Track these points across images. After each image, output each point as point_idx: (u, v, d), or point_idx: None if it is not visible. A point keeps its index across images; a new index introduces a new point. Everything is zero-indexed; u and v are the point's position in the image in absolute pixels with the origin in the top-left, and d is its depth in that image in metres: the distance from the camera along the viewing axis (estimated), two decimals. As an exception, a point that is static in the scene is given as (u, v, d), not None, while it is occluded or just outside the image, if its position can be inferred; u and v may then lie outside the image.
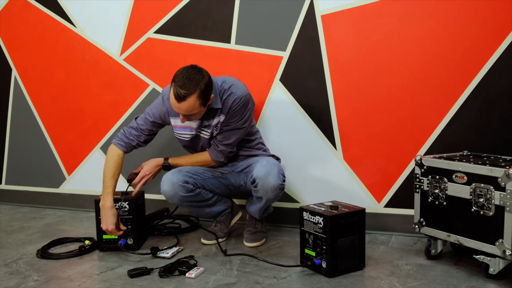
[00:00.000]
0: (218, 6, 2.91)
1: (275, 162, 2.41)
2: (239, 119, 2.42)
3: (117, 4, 3.15)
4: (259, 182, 2.34)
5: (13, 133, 3.55)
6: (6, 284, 2.11)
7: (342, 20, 2.66)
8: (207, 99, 2.29)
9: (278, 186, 2.35)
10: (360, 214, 2.16)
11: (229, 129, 2.44)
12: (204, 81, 2.24)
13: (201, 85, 2.22)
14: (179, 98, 2.21)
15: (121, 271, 2.23)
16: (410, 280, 2.05)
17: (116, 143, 2.51)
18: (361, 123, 2.68)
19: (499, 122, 2.45)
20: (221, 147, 2.48)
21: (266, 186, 2.33)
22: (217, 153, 2.51)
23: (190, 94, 2.20)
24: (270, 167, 2.35)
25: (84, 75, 3.29)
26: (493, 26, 2.41)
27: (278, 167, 2.40)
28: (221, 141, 2.47)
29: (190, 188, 2.46)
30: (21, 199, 3.55)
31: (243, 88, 2.43)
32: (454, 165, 2.11)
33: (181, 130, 2.53)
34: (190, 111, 2.25)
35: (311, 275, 2.13)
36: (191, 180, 2.47)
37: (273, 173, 2.34)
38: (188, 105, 2.22)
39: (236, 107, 2.39)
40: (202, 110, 2.32)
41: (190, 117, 2.32)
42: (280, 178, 2.36)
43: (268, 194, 2.36)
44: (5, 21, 3.46)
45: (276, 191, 2.36)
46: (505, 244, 1.92)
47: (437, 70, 2.52)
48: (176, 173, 2.47)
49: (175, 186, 2.43)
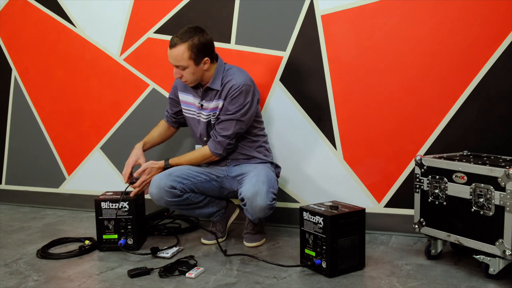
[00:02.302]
0: (218, 6, 2.91)
1: (265, 180, 2.36)
2: (237, 108, 2.42)
3: (117, 4, 3.15)
4: (247, 202, 2.34)
5: (13, 133, 3.55)
6: (6, 284, 2.11)
7: (342, 20, 2.66)
8: (199, 56, 2.37)
9: (266, 206, 2.32)
10: (360, 214, 2.16)
11: (227, 119, 2.44)
12: (200, 37, 2.37)
13: (194, 39, 2.35)
14: (170, 46, 2.36)
15: (121, 271, 2.23)
16: (410, 280, 2.05)
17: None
18: (361, 123, 2.68)
19: (499, 122, 2.45)
20: (219, 137, 2.47)
21: (254, 207, 2.32)
22: (215, 144, 2.49)
23: (181, 42, 2.34)
24: (259, 186, 2.32)
25: (84, 75, 3.29)
26: (493, 26, 2.41)
27: (268, 185, 2.36)
28: (219, 132, 2.47)
29: (177, 194, 2.45)
30: (21, 199, 3.55)
31: (246, 78, 2.45)
32: (454, 165, 2.11)
33: (186, 106, 2.60)
34: (178, 61, 2.35)
35: (311, 275, 2.13)
36: (179, 186, 2.44)
37: (261, 193, 2.31)
38: (177, 53, 2.34)
39: (234, 93, 2.41)
40: (192, 67, 2.38)
41: (181, 73, 2.40)
42: (268, 198, 2.32)
43: (257, 214, 2.36)
44: (5, 21, 3.46)
45: (265, 211, 2.35)
46: (505, 244, 1.92)
47: (437, 70, 2.52)
48: (165, 176, 2.45)
49: (162, 190, 2.42)
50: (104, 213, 2.48)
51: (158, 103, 3.10)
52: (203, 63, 2.40)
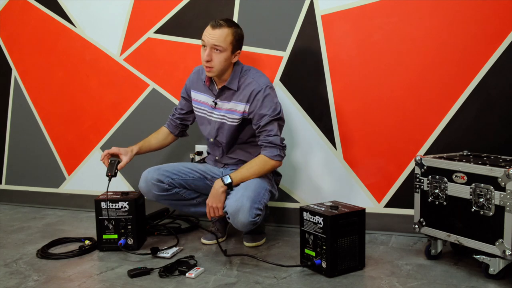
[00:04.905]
0: (218, 6, 2.91)
1: (250, 194, 2.27)
2: (271, 109, 2.38)
3: (117, 4, 3.14)
4: (230, 217, 2.30)
5: (13, 133, 3.55)
6: (6, 284, 2.11)
7: (342, 20, 2.66)
8: (236, 46, 2.39)
9: (248, 223, 2.27)
10: (360, 214, 2.16)
11: (267, 122, 2.37)
12: (241, 31, 2.41)
13: (238, 29, 2.40)
14: (215, 25, 2.33)
15: (121, 271, 2.23)
16: (410, 280, 2.05)
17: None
18: (361, 123, 2.68)
19: (499, 122, 2.45)
20: (270, 138, 2.37)
21: (236, 222, 2.29)
22: (269, 149, 2.38)
23: (226, 26, 2.34)
24: (242, 202, 2.24)
25: (84, 75, 3.29)
26: (493, 26, 2.41)
27: (253, 200, 2.27)
28: (267, 136, 2.38)
29: (165, 188, 2.45)
30: (21, 199, 3.55)
31: (266, 79, 2.46)
32: (454, 165, 2.11)
33: (198, 104, 2.58)
34: (220, 41, 2.32)
35: (311, 275, 2.13)
36: (166, 180, 2.45)
37: (243, 210, 2.24)
38: (222, 33, 2.33)
39: (261, 97, 2.38)
40: (228, 53, 2.36)
41: (212, 56, 2.35)
42: (251, 215, 2.25)
43: (240, 228, 2.33)
44: (5, 21, 3.46)
45: (248, 226, 2.30)
46: (505, 244, 1.92)
47: (437, 70, 2.52)
48: (152, 170, 2.47)
49: (149, 183, 2.44)
50: (104, 213, 2.48)
51: (158, 103, 3.10)
52: (236, 54, 2.40)
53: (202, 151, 2.99)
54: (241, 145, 2.57)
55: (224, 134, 2.52)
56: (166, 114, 2.80)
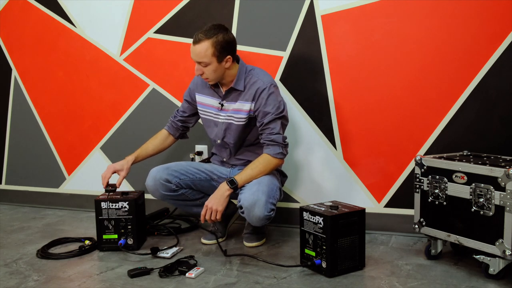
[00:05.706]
0: (218, 6, 2.91)
1: (265, 189, 2.30)
2: (274, 107, 2.39)
3: (117, 4, 3.14)
4: (245, 211, 2.30)
5: (13, 133, 3.55)
6: (6, 284, 2.11)
7: (342, 20, 2.66)
8: (223, 54, 2.35)
9: (264, 217, 2.28)
10: (360, 214, 2.16)
11: (270, 120, 2.38)
12: (224, 35, 2.35)
13: (219, 36, 2.33)
14: (195, 41, 2.33)
15: (121, 271, 2.23)
16: (410, 280, 2.05)
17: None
18: (361, 123, 2.68)
19: (499, 122, 2.45)
20: (272, 137, 2.38)
21: (252, 217, 2.29)
22: (271, 147, 2.39)
23: (205, 38, 2.31)
24: (258, 196, 2.26)
25: (84, 75, 3.29)
26: (493, 26, 2.41)
27: (268, 195, 2.29)
28: (269, 134, 2.38)
29: (172, 188, 2.46)
30: (21, 199, 3.55)
31: (270, 78, 2.47)
32: (454, 165, 2.11)
33: (203, 107, 2.57)
34: (201, 57, 2.32)
35: (311, 275, 2.13)
36: (174, 180, 2.46)
37: (259, 204, 2.26)
38: (201, 49, 2.31)
39: (265, 95, 2.39)
40: (214, 64, 2.35)
41: (203, 70, 2.36)
42: (267, 209, 2.27)
43: (254, 223, 2.33)
44: (5, 21, 3.46)
45: (262, 221, 2.30)
46: (505, 244, 1.92)
47: (437, 70, 2.52)
48: (161, 170, 2.48)
49: (157, 182, 2.45)
50: (104, 213, 2.48)
51: (158, 103, 3.10)
52: (225, 61, 2.38)
53: (202, 151, 2.99)
54: (249, 147, 2.58)
55: (232, 135, 2.52)
56: (166, 114, 2.80)
